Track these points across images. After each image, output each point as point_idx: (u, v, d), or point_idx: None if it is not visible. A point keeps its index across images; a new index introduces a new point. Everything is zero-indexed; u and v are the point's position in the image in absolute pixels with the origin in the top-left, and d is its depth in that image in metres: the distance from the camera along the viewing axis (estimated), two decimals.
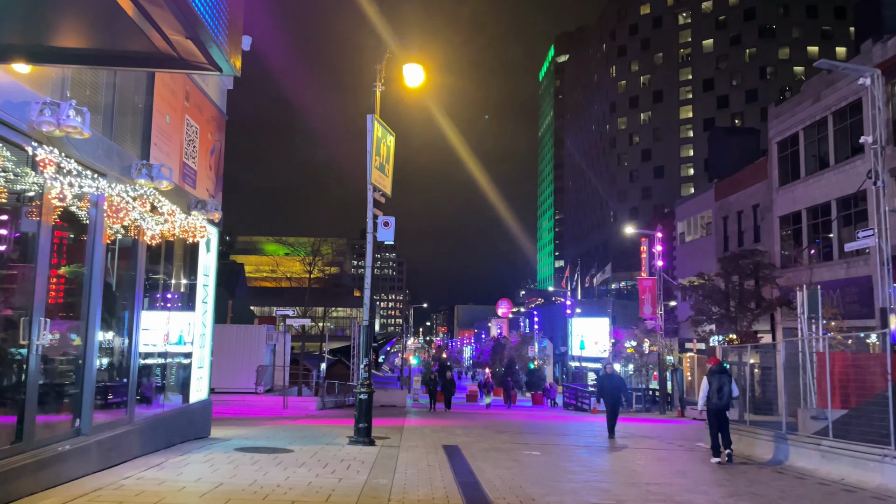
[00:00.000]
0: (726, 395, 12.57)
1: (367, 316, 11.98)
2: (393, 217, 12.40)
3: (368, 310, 12.01)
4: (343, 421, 19.34)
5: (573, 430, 18.34)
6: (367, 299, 12.05)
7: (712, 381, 12.76)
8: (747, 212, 33.51)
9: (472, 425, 18.50)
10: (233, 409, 23.52)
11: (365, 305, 12.05)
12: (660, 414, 34.00)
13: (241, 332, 26.93)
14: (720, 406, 12.57)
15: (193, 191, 10.97)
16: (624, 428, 20.36)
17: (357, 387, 11.90)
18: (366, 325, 11.98)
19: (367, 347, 11.96)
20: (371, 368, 11.95)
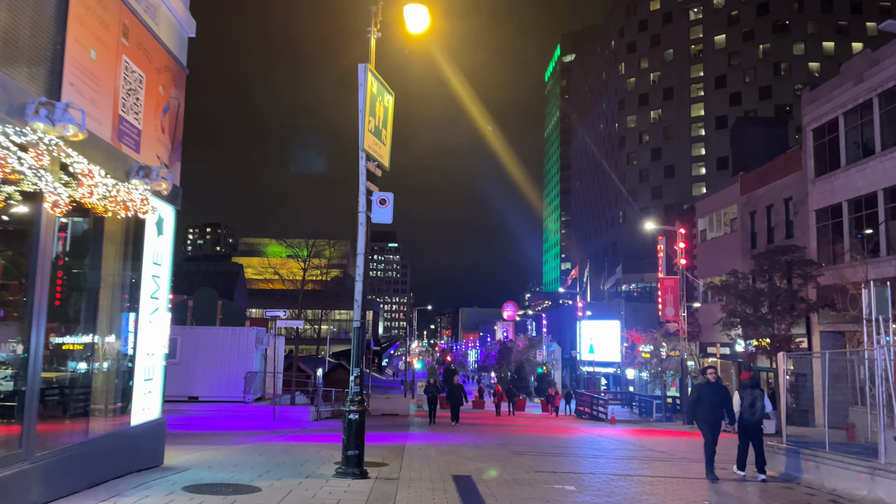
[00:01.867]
0: (759, 410, 12.04)
1: (359, 315, 9.57)
2: (391, 193, 10.00)
3: (360, 307, 9.60)
4: (337, 437, 16.93)
5: (603, 450, 15.85)
6: (359, 294, 9.65)
7: (744, 395, 12.10)
8: (778, 206, 31.01)
9: (484, 444, 16.05)
10: (215, 422, 21.11)
11: (356, 303, 9.64)
12: (683, 424, 31.47)
13: (228, 336, 24.58)
14: (753, 422, 11.99)
15: (136, 154, 8.59)
16: (657, 444, 17.92)
17: (346, 404, 9.48)
18: (357, 326, 9.58)
19: (359, 353, 9.55)
20: (363, 380, 9.53)
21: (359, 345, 9.58)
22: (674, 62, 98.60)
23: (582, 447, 16.58)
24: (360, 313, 9.60)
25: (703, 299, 37.90)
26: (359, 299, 9.63)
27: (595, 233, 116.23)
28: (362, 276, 9.67)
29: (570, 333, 72.12)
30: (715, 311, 34.76)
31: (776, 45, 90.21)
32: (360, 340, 9.59)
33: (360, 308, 9.62)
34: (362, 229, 9.73)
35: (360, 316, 9.60)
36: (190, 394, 24.31)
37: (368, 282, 9.01)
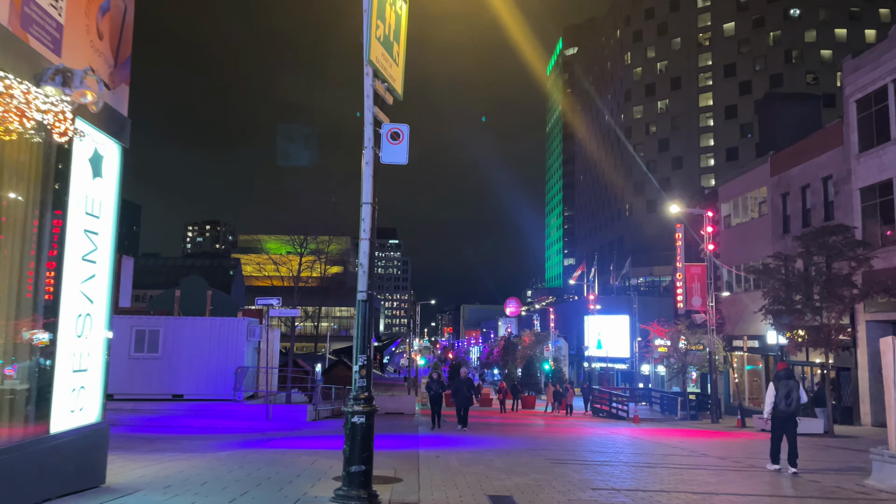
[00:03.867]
0: (794, 401, 11.77)
1: (364, 284, 7.14)
2: (406, 125, 7.57)
3: (367, 273, 7.17)
4: (338, 441, 14.51)
5: (651, 455, 13.39)
6: (365, 256, 7.21)
7: (779, 387, 11.87)
8: (815, 185, 28.56)
9: (511, 449, 13.60)
10: (199, 423, 18.70)
11: (361, 268, 7.20)
12: (711, 423, 29.06)
13: (216, 327, 22.14)
14: (788, 413, 11.77)
15: (53, 56, 6.13)
16: (702, 446, 15.48)
17: (349, 403, 7.06)
18: (362, 298, 7.14)
19: (365, 335, 7.12)
20: (370, 372, 7.09)
21: (365, 324, 7.14)
22: (681, 51, 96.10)
23: (623, 452, 14.16)
24: (367, 281, 7.16)
25: (728, 288, 35.46)
26: (364, 263, 7.19)
27: (600, 227, 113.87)
28: (369, 232, 7.23)
29: (577, 329, 69.87)
30: (745, 300, 32.35)
31: (787, 32, 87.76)
32: (367, 317, 7.15)
33: (367, 274, 7.18)
34: (368, 170, 7.29)
35: (367, 285, 7.16)
36: (174, 391, 21.90)
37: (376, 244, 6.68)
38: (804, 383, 30.11)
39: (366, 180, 7.27)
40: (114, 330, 21.03)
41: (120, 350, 21.65)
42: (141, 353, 21.82)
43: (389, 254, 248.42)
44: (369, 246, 7.22)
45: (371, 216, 7.27)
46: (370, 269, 7.21)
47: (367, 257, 7.19)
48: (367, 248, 7.20)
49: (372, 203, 7.28)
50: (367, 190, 7.27)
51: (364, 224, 7.23)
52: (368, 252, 7.20)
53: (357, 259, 7.21)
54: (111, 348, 20.56)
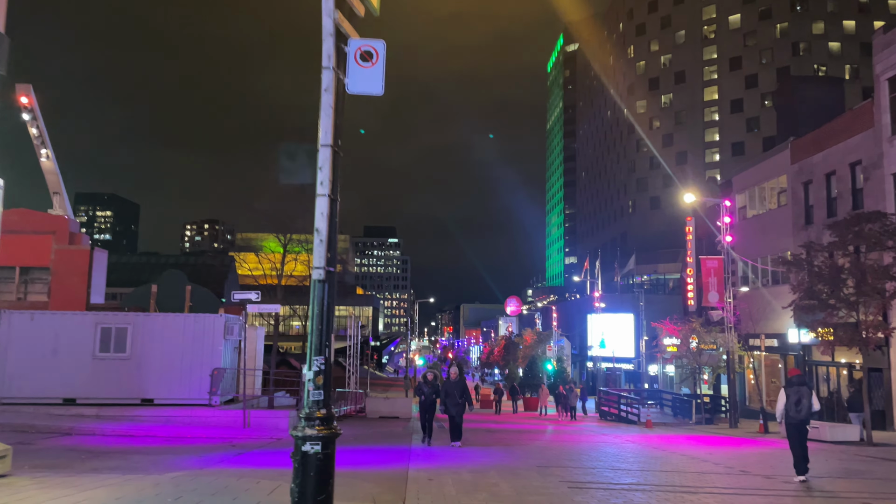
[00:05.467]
0: (805, 408, 11.47)
1: (322, 259, 5.10)
2: (381, 42, 5.51)
3: (324, 243, 5.13)
4: None
5: (684, 474, 11.34)
6: (322, 220, 5.18)
7: (790, 393, 11.61)
8: (842, 172, 26.51)
9: (518, 466, 11.53)
10: (167, 432, 16.66)
11: (317, 235, 5.16)
12: (730, 428, 27.02)
13: (190, 324, 20.08)
14: (799, 420, 11.46)
15: None
16: (732, 459, 13.45)
17: (298, 424, 5.02)
18: (318, 278, 5.10)
19: (323, 329, 5.09)
20: (329, 379, 5.06)
21: (323, 313, 5.11)
22: (686, 44, 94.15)
23: (649, 468, 12.13)
24: (325, 255, 5.12)
25: (743, 283, 33.40)
26: (322, 228, 5.15)
27: (602, 224, 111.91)
28: (329, 185, 5.19)
29: (580, 328, 67.98)
30: (765, 296, 30.32)
31: (794, 24, 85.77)
32: (326, 304, 5.11)
33: (326, 245, 5.14)
34: (328, 99, 5.25)
35: (325, 259, 5.12)
36: (143, 396, 19.84)
37: (338, 205, 4.92)
38: (829, 385, 28.12)
39: (324, 113, 5.23)
40: (77, 328, 19.01)
41: (83, 350, 19.69)
42: (107, 354, 19.78)
43: (389, 252, 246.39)
44: (328, 205, 5.18)
45: (332, 164, 5.23)
46: (330, 237, 5.18)
47: (325, 221, 5.16)
48: (326, 209, 5.17)
49: (333, 146, 5.24)
50: (327, 127, 5.23)
51: (321, 174, 5.20)
52: (328, 213, 5.16)
53: (315, 242, 5.15)
54: (73, 348, 18.43)
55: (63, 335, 19.73)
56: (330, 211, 5.18)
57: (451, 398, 15.45)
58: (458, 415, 15.17)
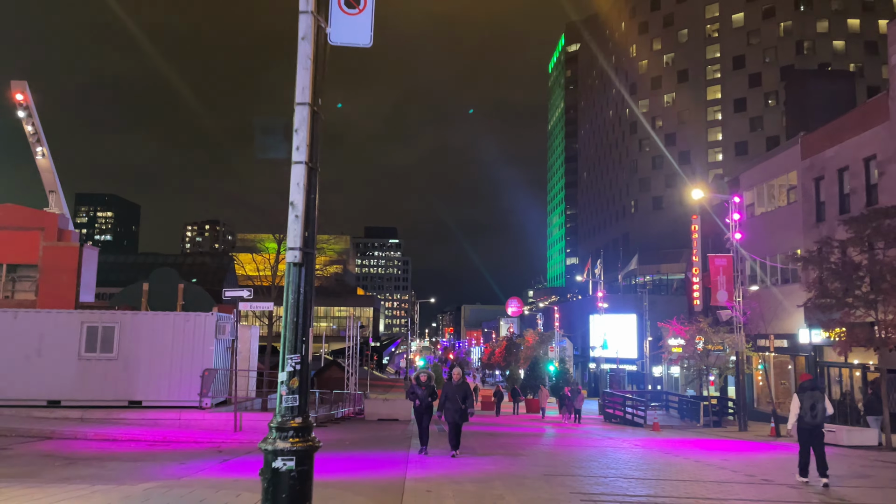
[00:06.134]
0: (820, 413, 11.48)
1: (298, 238, 4.27)
2: None
3: (302, 221, 4.30)
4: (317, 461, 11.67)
5: (707, 488, 10.46)
6: (301, 192, 4.35)
7: (804, 398, 11.61)
8: (855, 167, 25.66)
9: (525, 475, 10.69)
10: (155, 436, 15.84)
11: (292, 209, 4.34)
12: (739, 431, 26.19)
13: (180, 323, 19.26)
14: (814, 425, 11.47)
15: None
16: (755, 466, 12.62)
17: (269, 436, 4.19)
18: (294, 260, 4.28)
19: (299, 323, 4.26)
20: (306, 381, 4.23)
21: (299, 302, 4.28)
22: (688, 43, 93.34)
23: (664, 478, 11.29)
24: (302, 233, 4.30)
25: (751, 282, 32.53)
26: (299, 202, 4.33)
27: (603, 225, 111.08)
28: (307, 151, 4.37)
29: (582, 329, 67.22)
30: (776, 295, 29.49)
31: (798, 22, 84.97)
32: (304, 292, 4.29)
33: (304, 221, 4.32)
34: (305, 49, 4.44)
35: (303, 239, 4.30)
36: (130, 397, 19.03)
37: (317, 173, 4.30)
38: (842, 387, 27.27)
39: (301, 66, 4.42)
40: (62, 327, 18.18)
41: (68, 350, 18.89)
42: (93, 354, 18.97)
43: (390, 253, 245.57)
44: (306, 174, 4.36)
45: (310, 126, 4.41)
46: (308, 212, 4.36)
47: (302, 193, 4.34)
48: (304, 178, 4.35)
49: (311, 105, 4.42)
50: (304, 83, 4.42)
51: (298, 138, 4.38)
52: (305, 184, 4.35)
53: (288, 231, 4.34)
54: (58, 348, 17.60)
55: (48, 334, 18.93)
56: (308, 181, 4.37)
57: (452, 403, 13.50)
58: (459, 422, 13.40)
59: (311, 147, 4.40)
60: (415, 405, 14.05)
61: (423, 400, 13.82)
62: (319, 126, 4.52)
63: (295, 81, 4.43)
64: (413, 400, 14.03)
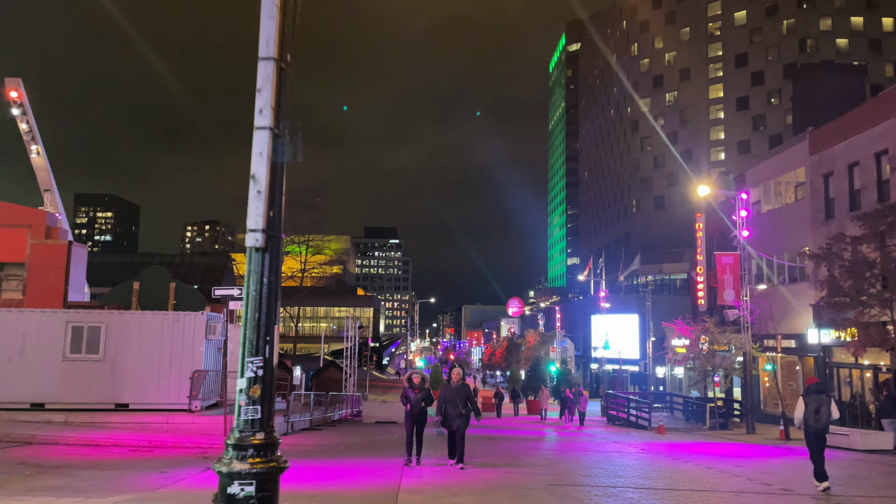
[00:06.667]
0: (824, 416, 11.20)
1: (261, 219, 3.54)
2: None
3: (265, 195, 3.58)
4: (305, 469, 10.95)
5: (732, 494, 9.72)
6: (264, 162, 3.63)
7: (809, 402, 11.34)
8: (866, 162, 24.94)
9: (530, 487, 9.99)
10: (140, 440, 15.14)
11: (254, 184, 3.63)
12: (747, 434, 25.48)
13: (169, 323, 18.57)
14: (818, 429, 11.19)
15: None
16: (769, 475, 11.92)
17: (224, 455, 3.47)
18: (256, 244, 3.56)
19: (261, 319, 3.54)
20: (269, 389, 3.50)
21: (261, 293, 3.57)
22: (690, 41, 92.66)
23: (677, 485, 10.58)
24: (264, 211, 3.59)
25: (758, 281, 31.82)
26: (262, 174, 3.63)
27: (605, 224, 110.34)
28: (271, 115, 3.66)
29: (583, 329, 66.54)
30: (783, 294, 28.77)
31: (801, 20, 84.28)
32: (267, 280, 3.58)
33: (268, 197, 3.61)
34: None
35: (264, 219, 3.59)
36: (117, 400, 18.33)
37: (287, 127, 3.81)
38: (852, 389, 26.54)
39: (265, 14, 3.70)
40: (46, 326, 17.47)
41: (52, 350, 18.17)
42: (78, 355, 18.27)
43: (390, 253, 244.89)
44: (270, 141, 3.65)
45: (275, 85, 3.70)
46: (273, 188, 3.65)
47: (265, 164, 3.63)
48: (267, 147, 3.64)
49: (277, 61, 3.71)
50: (269, 33, 3.71)
51: (261, 99, 3.67)
52: (269, 153, 3.64)
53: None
54: (42, 348, 16.87)
55: (31, 335, 18.23)
56: (273, 150, 3.66)
57: (452, 407, 11.96)
58: (460, 428, 11.83)
59: (276, 110, 3.70)
60: (406, 410, 12.43)
61: (415, 404, 12.23)
62: (288, 86, 3.82)
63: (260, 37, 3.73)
64: (405, 404, 12.45)
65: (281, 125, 3.74)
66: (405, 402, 12.40)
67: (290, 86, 3.86)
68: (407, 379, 12.57)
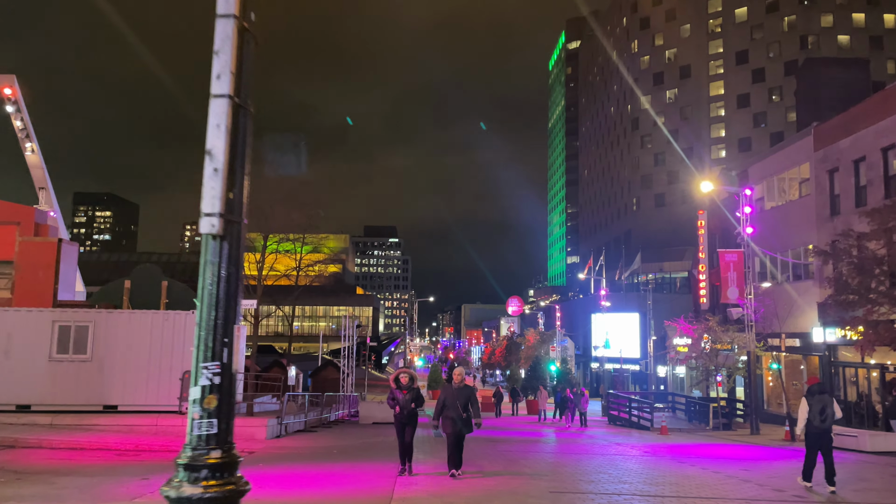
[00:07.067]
0: (829, 417, 11.16)
1: (218, 202, 3.01)
2: None
3: (223, 173, 3.06)
4: (293, 475, 10.49)
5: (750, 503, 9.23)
6: (222, 135, 3.11)
7: (813, 402, 11.24)
8: (872, 158, 24.44)
9: (530, 494, 9.50)
10: (127, 444, 14.63)
11: (209, 160, 3.12)
12: (751, 434, 24.98)
13: (159, 323, 18.07)
14: (823, 429, 11.14)
15: None
16: (784, 482, 11.44)
17: (175, 477, 2.94)
18: (212, 230, 3.04)
19: (218, 316, 3.02)
20: (229, 400, 2.99)
21: (218, 290, 3.06)
22: (691, 38, 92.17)
23: (685, 492, 10.07)
24: (222, 193, 3.07)
25: (762, 279, 31.33)
26: (219, 146, 3.10)
27: (605, 223, 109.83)
28: (231, 77, 3.14)
29: (584, 328, 66.04)
30: (788, 292, 28.29)
31: (802, 17, 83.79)
32: (222, 275, 3.06)
33: (224, 177, 3.09)
34: None
35: (222, 202, 3.07)
36: (106, 402, 17.83)
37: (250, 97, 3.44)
38: (858, 389, 26.06)
39: None
40: (32, 326, 16.94)
41: (38, 351, 17.66)
42: (65, 355, 17.77)
43: (389, 252, 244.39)
44: (229, 111, 3.14)
45: (236, 47, 3.19)
46: (233, 166, 3.14)
47: (223, 138, 3.12)
48: (226, 118, 3.13)
49: (238, 18, 3.20)
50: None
51: (219, 63, 3.16)
52: (228, 125, 3.13)
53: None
54: (28, 349, 16.33)
55: (17, 334, 17.73)
56: (233, 122, 3.15)
57: (452, 410, 10.86)
58: (460, 434, 10.86)
59: (237, 76, 3.19)
60: (395, 413, 11.31)
61: (404, 406, 11.15)
62: (252, 49, 3.31)
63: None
64: (392, 406, 11.31)
65: (243, 94, 3.23)
66: (393, 405, 11.31)
67: (256, 50, 3.35)
68: (394, 379, 11.39)
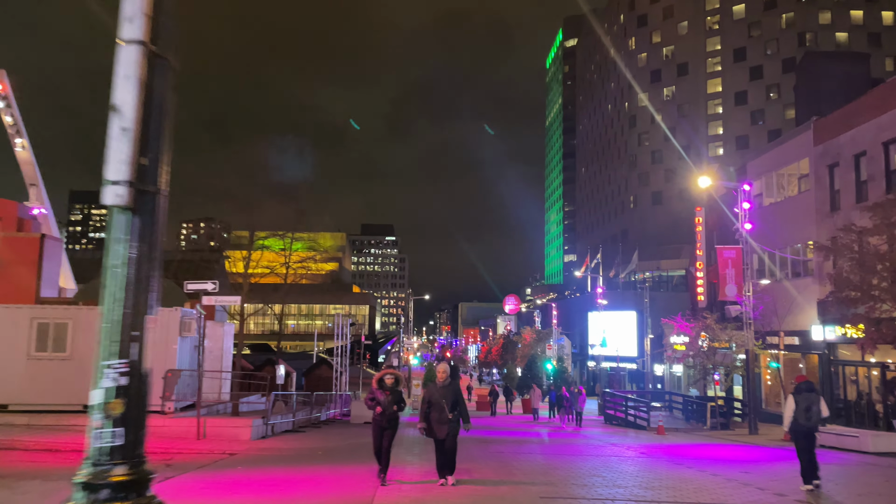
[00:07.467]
0: (815, 415, 11.11)
1: (127, 169, 2.50)
2: None
3: (132, 133, 2.54)
4: (270, 480, 9.98)
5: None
6: (133, 88, 2.58)
7: (799, 400, 11.19)
8: (873, 152, 23.98)
9: (520, 500, 8.99)
10: None
11: (117, 116, 2.61)
12: (749, 434, 24.52)
13: None
14: (808, 428, 11.10)
15: None
16: (789, 487, 10.97)
17: (73, 496, 2.42)
18: (119, 200, 2.53)
19: (128, 311, 2.51)
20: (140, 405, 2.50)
21: (129, 274, 2.54)
22: (688, 35, 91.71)
23: (683, 497, 9.60)
24: (132, 155, 2.55)
25: (760, 276, 30.88)
26: (126, 107, 2.58)
27: (602, 221, 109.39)
28: (144, 20, 2.62)
29: (580, 326, 65.60)
30: (787, 290, 27.85)
31: (800, 14, 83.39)
32: (136, 252, 2.54)
33: (134, 137, 2.57)
34: None
35: (133, 167, 2.55)
36: (86, 401, 17.16)
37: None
38: (858, 387, 25.63)
39: None
40: (9, 323, 16.34)
41: (16, 348, 17.13)
42: (44, 353, 17.24)
43: (386, 251, 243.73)
44: (143, 61, 2.61)
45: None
46: (147, 125, 2.61)
47: (132, 90, 2.59)
48: (136, 68, 2.61)
49: None
50: None
51: (130, 4, 2.63)
52: (140, 77, 2.60)
53: None
54: (5, 346, 15.75)
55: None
56: (149, 74, 2.63)
57: (437, 411, 9.80)
58: (449, 437, 9.76)
59: (154, 19, 2.67)
60: (375, 413, 10.20)
61: (386, 407, 10.10)
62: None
63: None
64: (372, 407, 10.23)
65: (161, 42, 2.72)
66: (372, 405, 10.20)
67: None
68: (378, 380, 10.36)
